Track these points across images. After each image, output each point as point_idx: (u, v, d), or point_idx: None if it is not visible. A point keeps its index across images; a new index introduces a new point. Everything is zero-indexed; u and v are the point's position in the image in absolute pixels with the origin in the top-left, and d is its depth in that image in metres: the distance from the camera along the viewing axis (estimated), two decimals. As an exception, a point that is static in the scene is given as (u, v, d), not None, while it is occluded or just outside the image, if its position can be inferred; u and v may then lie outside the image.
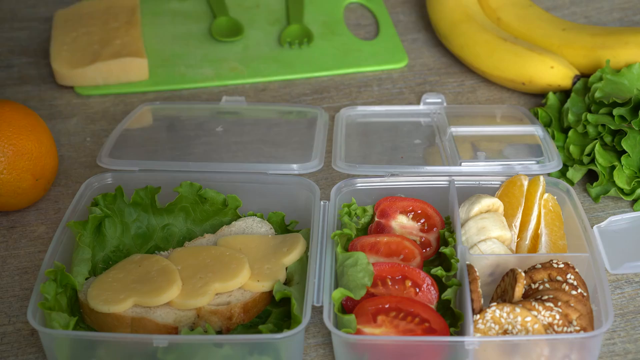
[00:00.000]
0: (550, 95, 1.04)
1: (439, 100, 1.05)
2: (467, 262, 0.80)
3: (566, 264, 0.80)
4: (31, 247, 0.91)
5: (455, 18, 1.14)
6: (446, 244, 0.85)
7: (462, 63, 1.15)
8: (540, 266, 0.80)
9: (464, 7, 1.15)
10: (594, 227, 0.90)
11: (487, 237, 0.84)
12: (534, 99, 1.10)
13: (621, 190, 0.93)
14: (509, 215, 0.87)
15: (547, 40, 1.11)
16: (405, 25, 1.24)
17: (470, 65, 1.13)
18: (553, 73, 1.06)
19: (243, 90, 1.13)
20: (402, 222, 0.88)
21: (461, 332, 0.77)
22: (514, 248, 0.86)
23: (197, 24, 1.23)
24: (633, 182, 0.93)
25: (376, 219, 0.88)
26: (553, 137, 0.99)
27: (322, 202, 0.88)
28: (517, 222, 0.87)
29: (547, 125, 1.02)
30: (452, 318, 0.79)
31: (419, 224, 0.88)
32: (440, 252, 0.85)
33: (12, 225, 0.94)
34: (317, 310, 0.81)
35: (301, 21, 1.22)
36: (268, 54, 1.18)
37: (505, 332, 0.75)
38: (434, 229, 0.88)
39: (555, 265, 0.79)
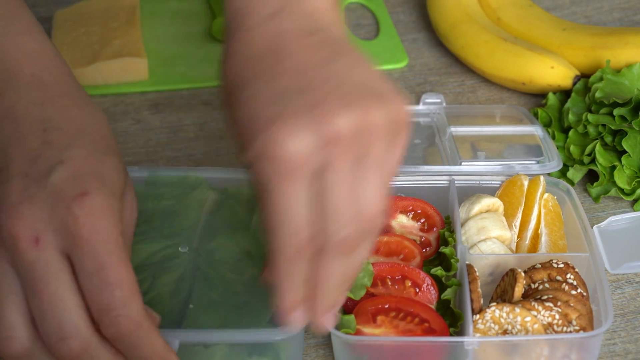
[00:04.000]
0: (550, 96, 1.04)
1: (439, 100, 1.05)
2: (467, 262, 0.80)
3: (566, 263, 0.80)
4: (31, 247, 0.91)
5: (455, 18, 1.14)
6: (446, 243, 0.84)
7: (462, 63, 1.15)
8: (540, 266, 0.80)
9: (464, 7, 1.15)
10: (594, 227, 0.90)
11: (487, 237, 0.84)
12: (534, 99, 1.10)
13: (622, 190, 0.93)
14: (509, 215, 0.87)
15: (547, 40, 1.11)
16: (406, 25, 1.24)
17: (471, 65, 1.13)
18: (553, 73, 1.06)
19: (243, 90, 1.13)
20: (402, 221, 0.88)
21: (461, 332, 0.77)
22: (513, 248, 0.86)
23: (197, 24, 1.23)
24: (634, 182, 0.93)
25: (376, 219, 0.88)
26: (553, 138, 0.99)
27: None
28: (517, 222, 0.87)
29: (547, 125, 1.02)
30: (451, 318, 0.78)
31: (419, 223, 0.88)
32: (440, 252, 0.85)
33: (11, 225, 0.94)
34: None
35: (301, 21, 1.22)
36: (268, 54, 1.18)
37: (504, 332, 0.75)
38: (434, 229, 0.88)
39: (555, 265, 0.79)
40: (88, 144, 0.63)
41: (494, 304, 0.76)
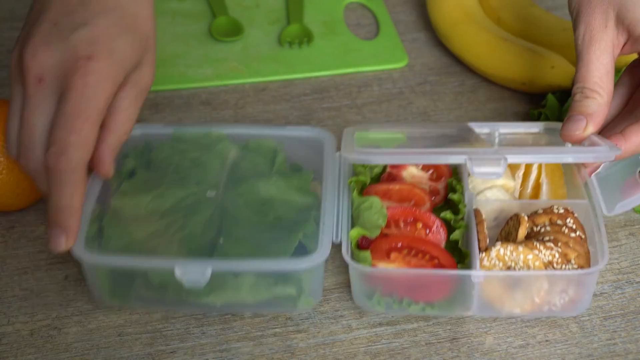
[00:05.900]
0: (550, 97, 1.05)
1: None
2: (474, 207, 0.86)
3: (566, 209, 0.85)
4: (30, 247, 0.91)
5: (455, 18, 1.15)
6: (454, 191, 0.90)
7: (462, 63, 1.16)
8: (541, 211, 0.86)
9: (464, 7, 1.15)
10: (592, 175, 0.90)
11: (493, 185, 0.89)
12: (535, 99, 1.10)
13: (621, 189, 0.94)
14: (512, 167, 0.92)
15: (548, 40, 1.11)
16: (406, 25, 1.24)
17: (471, 65, 1.13)
18: (554, 73, 1.06)
19: (243, 90, 1.13)
20: (412, 172, 0.93)
21: (468, 268, 0.82)
22: (517, 196, 0.91)
23: (197, 24, 1.23)
24: (633, 182, 0.93)
25: (388, 170, 0.93)
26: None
27: (337, 153, 0.92)
28: (520, 172, 0.91)
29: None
30: (459, 256, 0.85)
31: (428, 173, 0.94)
32: (448, 200, 0.91)
33: (11, 226, 0.94)
34: (335, 249, 0.84)
35: (301, 21, 1.22)
36: (268, 54, 1.18)
37: (508, 269, 0.81)
38: (442, 178, 0.93)
39: (555, 211, 0.85)
40: (116, 17, 0.74)
41: (499, 242, 0.81)
